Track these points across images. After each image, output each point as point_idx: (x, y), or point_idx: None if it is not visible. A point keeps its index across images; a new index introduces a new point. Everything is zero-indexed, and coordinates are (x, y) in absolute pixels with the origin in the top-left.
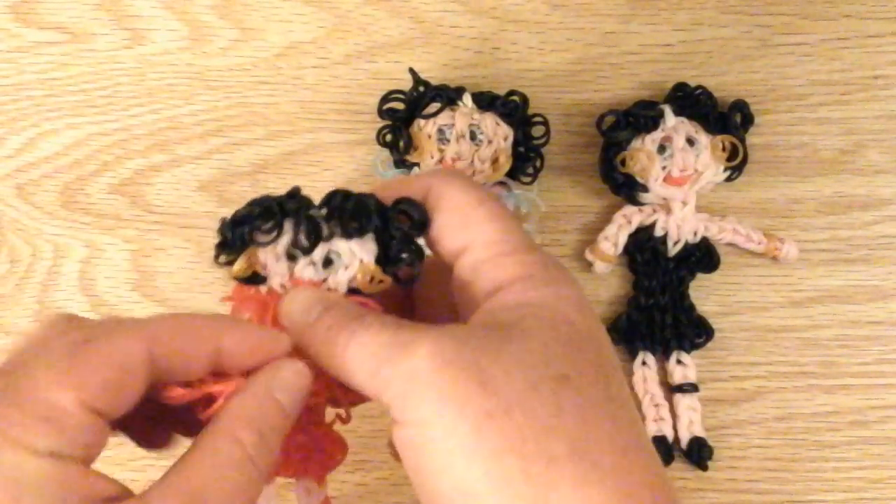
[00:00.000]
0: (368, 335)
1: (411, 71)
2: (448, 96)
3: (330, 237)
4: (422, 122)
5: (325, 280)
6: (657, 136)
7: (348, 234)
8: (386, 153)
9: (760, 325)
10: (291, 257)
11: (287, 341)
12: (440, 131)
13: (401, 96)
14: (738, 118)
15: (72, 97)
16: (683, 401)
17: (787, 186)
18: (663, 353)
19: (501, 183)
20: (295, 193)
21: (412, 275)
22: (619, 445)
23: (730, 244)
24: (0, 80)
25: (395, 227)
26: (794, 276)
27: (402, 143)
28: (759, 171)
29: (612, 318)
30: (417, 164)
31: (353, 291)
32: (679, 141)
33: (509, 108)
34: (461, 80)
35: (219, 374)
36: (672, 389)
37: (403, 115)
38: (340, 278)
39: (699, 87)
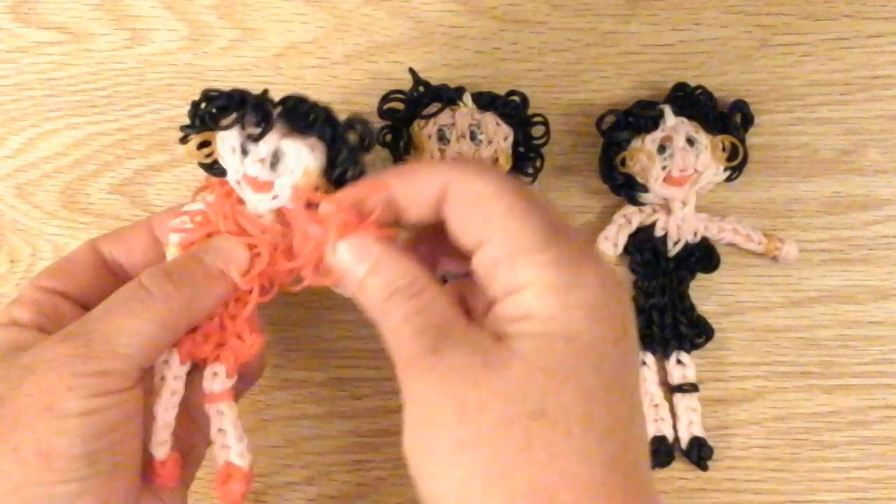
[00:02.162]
0: (389, 331)
1: (411, 71)
2: (448, 96)
3: (280, 134)
4: (422, 122)
5: (272, 183)
6: (657, 136)
7: (296, 130)
8: (386, 153)
9: (760, 325)
10: (244, 152)
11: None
12: (440, 131)
13: (401, 96)
14: (738, 118)
15: (72, 97)
16: (683, 401)
17: (787, 186)
18: (663, 353)
19: None
20: (261, 93)
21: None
22: (586, 480)
23: (730, 244)
24: (0, 80)
25: (344, 141)
26: (794, 276)
27: (402, 144)
28: (759, 171)
29: None
30: None
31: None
32: (679, 141)
33: (509, 108)
34: (461, 80)
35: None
36: (672, 389)
37: (403, 115)
38: (284, 182)
39: (699, 87)
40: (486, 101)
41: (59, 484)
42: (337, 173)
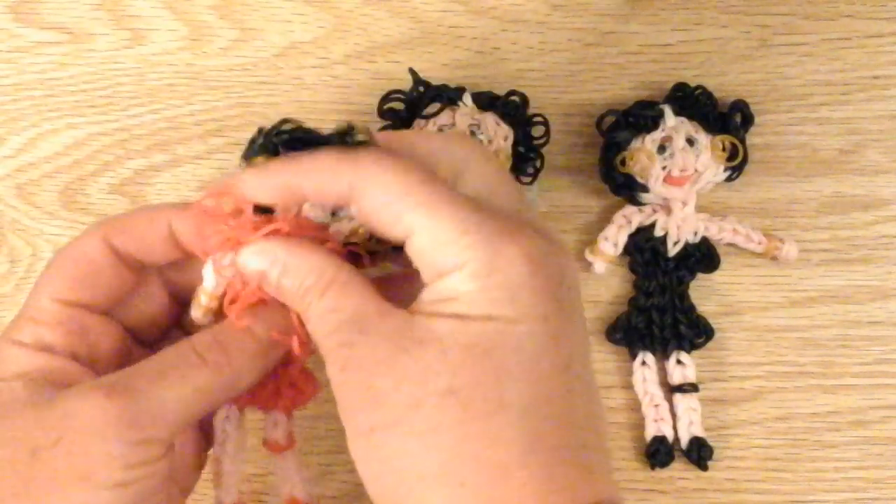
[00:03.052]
0: (312, 323)
1: (411, 71)
2: (448, 96)
3: None
4: (422, 122)
5: (327, 226)
6: (657, 136)
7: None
8: None
9: (760, 325)
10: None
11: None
12: (440, 131)
13: (401, 96)
14: (738, 118)
15: (72, 97)
16: (683, 401)
17: (787, 186)
18: (663, 354)
19: None
20: (346, 130)
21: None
22: (495, 463)
23: (730, 244)
24: (0, 80)
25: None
26: (794, 276)
27: None
28: (759, 171)
29: (612, 318)
30: None
31: (349, 246)
32: (679, 141)
33: (509, 108)
34: (461, 80)
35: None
36: (672, 389)
37: (403, 115)
38: (342, 228)
39: (699, 87)
40: (486, 101)
41: None
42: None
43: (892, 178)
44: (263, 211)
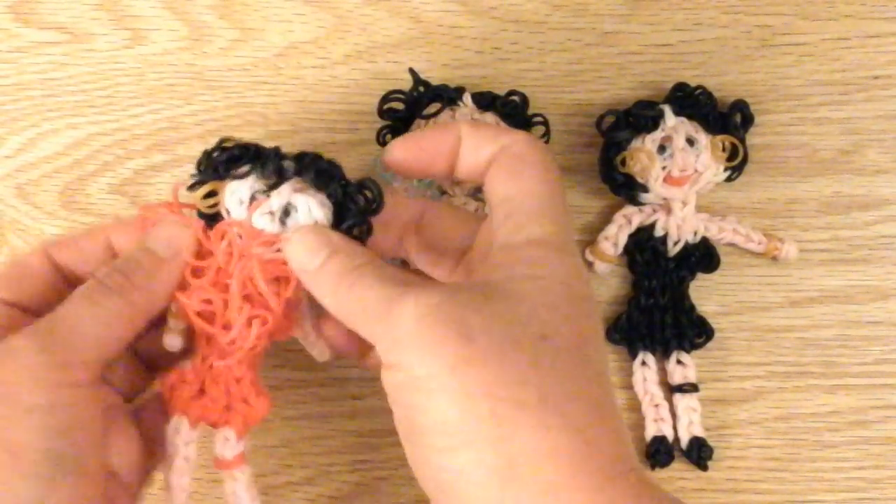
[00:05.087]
0: (363, 289)
1: (411, 71)
2: (448, 96)
3: (291, 189)
4: (422, 122)
5: (277, 236)
6: (657, 136)
7: (310, 185)
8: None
9: (760, 325)
10: (251, 201)
11: (181, 231)
12: None
13: (401, 96)
14: (738, 118)
15: (72, 97)
16: (683, 401)
17: (787, 186)
18: (663, 353)
19: None
20: (275, 147)
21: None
22: (588, 400)
23: (730, 244)
24: (0, 80)
25: (354, 201)
26: (794, 276)
27: None
28: (759, 171)
29: (612, 318)
30: None
31: None
32: (679, 141)
33: (509, 108)
34: (461, 80)
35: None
36: (672, 389)
37: (403, 115)
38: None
39: (699, 87)
40: (486, 101)
41: (25, 481)
42: (345, 227)
43: (892, 178)
44: (210, 220)
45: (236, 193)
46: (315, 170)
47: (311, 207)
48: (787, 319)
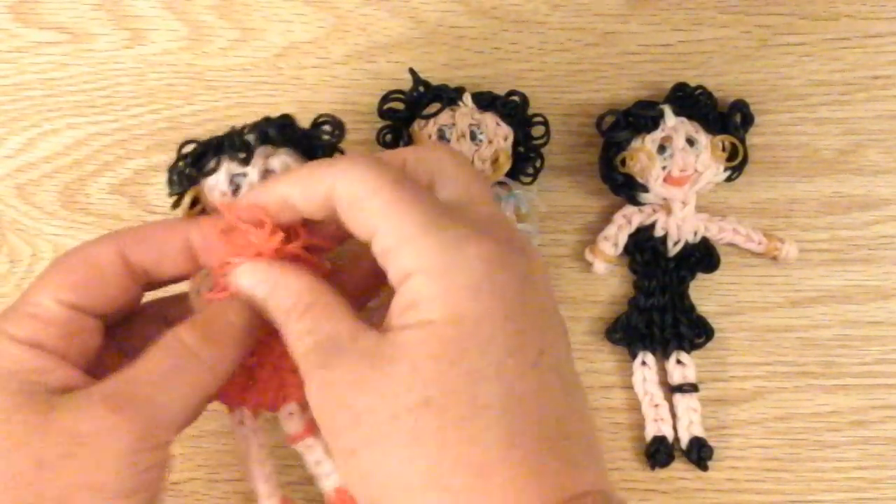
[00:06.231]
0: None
1: (411, 71)
2: (448, 96)
3: (262, 158)
4: (422, 122)
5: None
6: (657, 136)
7: (275, 143)
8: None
9: (760, 325)
10: (235, 189)
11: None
12: (440, 131)
13: (401, 96)
14: (738, 118)
15: (72, 97)
16: (683, 401)
17: (787, 186)
18: (663, 353)
19: (501, 183)
20: (230, 128)
21: None
22: (477, 464)
23: (730, 244)
24: (0, 80)
25: (319, 139)
26: (794, 276)
27: (402, 144)
28: (759, 171)
29: (612, 318)
30: None
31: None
32: (679, 141)
33: (509, 108)
34: (461, 80)
35: None
36: (672, 389)
37: (403, 115)
38: None
39: (699, 87)
40: (486, 101)
41: None
42: None
43: (892, 178)
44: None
45: (216, 187)
46: (273, 129)
47: (288, 164)
48: (787, 319)
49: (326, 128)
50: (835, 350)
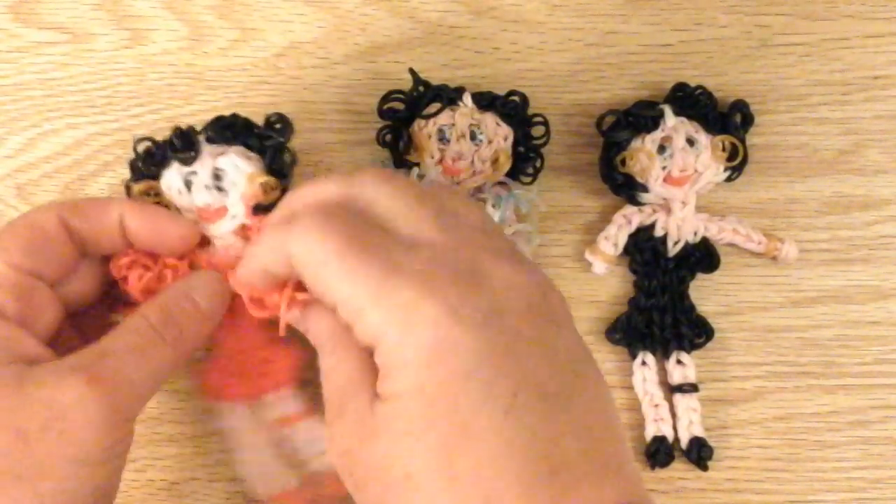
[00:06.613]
0: None
1: (411, 71)
2: (448, 96)
3: (212, 156)
4: (422, 122)
5: (225, 207)
6: (657, 136)
7: (226, 141)
8: (386, 153)
9: (760, 325)
10: (188, 185)
11: (190, 228)
12: (440, 131)
13: (401, 96)
14: (738, 118)
15: (72, 97)
16: (683, 401)
17: (787, 186)
18: (663, 353)
19: (501, 183)
20: (178, 129)
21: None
22: None
23: (730, 244)
24: (0, 80)
25: (268, 137)
26: (794, 276)
27: (402, 144)
28: (759, 171)
29: (612, 318)
30: (417, 164)
31: (257, 210)
32: (679, 141)
33: (509, 108)
34: (461, 80)
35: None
36: (672, 389)
37: (403, 115)
38: (234, 199)
39: (699, 87)
40: (486, 101)
41: None
42: (275, 166)
43: (892, 178)
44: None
45: (172, 185)
46: (221, 127)
47: (237, 163)
48: (787, 319)
49: (277, 126)
50: (835, 350)
